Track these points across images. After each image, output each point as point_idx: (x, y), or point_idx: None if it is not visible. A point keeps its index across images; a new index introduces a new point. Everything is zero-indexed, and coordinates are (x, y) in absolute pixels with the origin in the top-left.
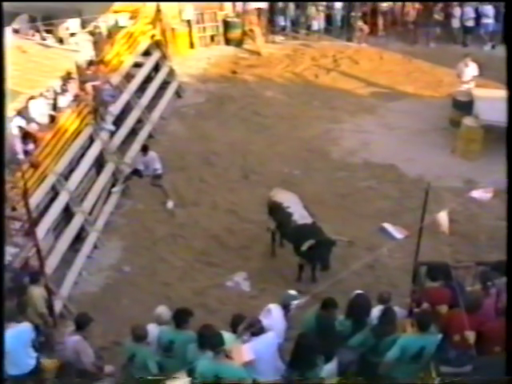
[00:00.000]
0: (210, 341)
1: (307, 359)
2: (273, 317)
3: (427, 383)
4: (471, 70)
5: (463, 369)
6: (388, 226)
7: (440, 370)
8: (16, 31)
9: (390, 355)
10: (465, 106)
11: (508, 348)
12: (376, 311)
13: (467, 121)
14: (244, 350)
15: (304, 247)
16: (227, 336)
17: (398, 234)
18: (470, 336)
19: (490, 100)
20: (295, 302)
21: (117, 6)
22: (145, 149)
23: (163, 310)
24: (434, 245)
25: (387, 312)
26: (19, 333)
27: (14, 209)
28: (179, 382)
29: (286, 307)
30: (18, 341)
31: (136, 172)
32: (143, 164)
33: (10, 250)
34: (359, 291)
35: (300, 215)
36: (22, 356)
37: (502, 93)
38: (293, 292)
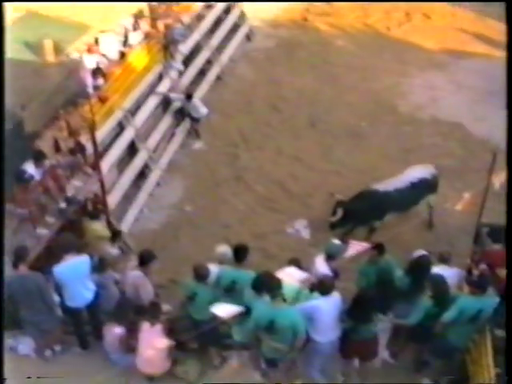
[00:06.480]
0: (267, 284)
1: (364, 313)
2: (316, 268)
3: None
4: None
5: None
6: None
7: (495, 333)
8: None
9: (447, 316)
10: None
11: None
12: (436, 270)
13: None
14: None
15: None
16: (288, 286)
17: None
18: None
19: None
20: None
21: None
22: (189, 97)
23: (226, 249)
24: (498, 207)
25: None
26: (75, 265)
27: (78, 143)
28: None
29: (330, 257)
30: (74, 273)
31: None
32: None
33: (74, 183)
34: (423, 252)
35: (388, 182)
36: (79, 288)
37: None
38: (337, 241)
